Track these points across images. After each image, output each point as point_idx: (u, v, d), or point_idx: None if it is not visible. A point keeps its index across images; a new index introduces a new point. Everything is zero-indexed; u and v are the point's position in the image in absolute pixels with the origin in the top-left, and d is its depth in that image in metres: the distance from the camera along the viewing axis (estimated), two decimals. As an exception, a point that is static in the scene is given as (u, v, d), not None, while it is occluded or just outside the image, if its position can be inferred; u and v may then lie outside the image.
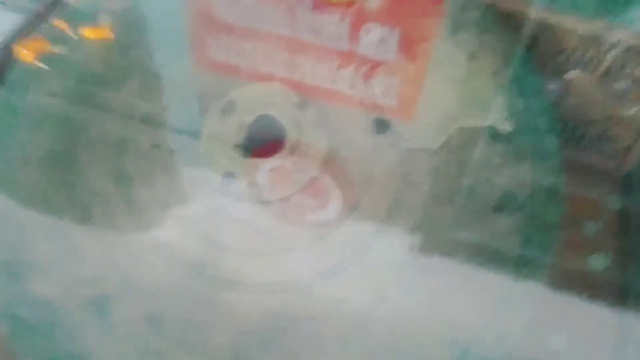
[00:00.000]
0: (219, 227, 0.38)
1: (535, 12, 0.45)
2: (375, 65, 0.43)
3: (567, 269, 0.39)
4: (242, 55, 0.44)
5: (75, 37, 0.45)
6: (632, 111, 0.45)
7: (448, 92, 0.42)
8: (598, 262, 0.40)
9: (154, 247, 0.38)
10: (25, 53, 0.45)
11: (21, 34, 0.46)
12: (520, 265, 0.37)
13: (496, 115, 0.40)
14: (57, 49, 0.45)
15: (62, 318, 0.37)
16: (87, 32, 0.45)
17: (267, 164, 0.40)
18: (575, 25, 0.45)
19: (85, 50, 0.45)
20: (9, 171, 0.41)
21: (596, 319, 0.38)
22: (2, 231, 0.39)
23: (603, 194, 0.42)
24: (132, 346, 0.36)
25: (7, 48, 0.45)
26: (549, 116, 0.41)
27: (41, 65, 0.45)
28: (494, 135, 0.40)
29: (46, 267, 0.38)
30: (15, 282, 0.38)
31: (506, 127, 0.40)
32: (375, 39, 0.43)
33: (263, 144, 0.39)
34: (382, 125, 0.40)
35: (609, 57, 0.44)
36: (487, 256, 0.37)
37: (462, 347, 0.36)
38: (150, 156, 0.40)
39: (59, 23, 0.46)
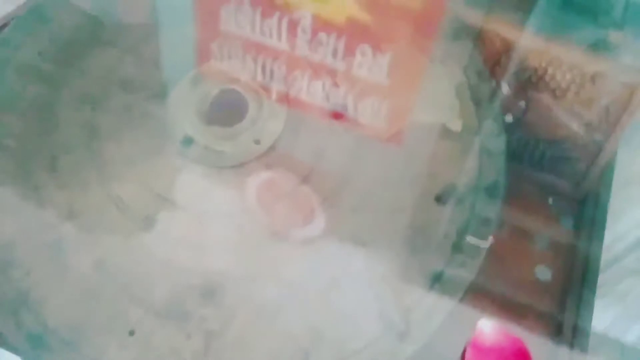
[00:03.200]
0: (174, 186, 0.40)
1: (504, 30, 0.47)
2: (365, 86, 0.45)
3: (511, 274, 0.41)
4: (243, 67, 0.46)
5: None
6: (592, 136, 0.46)
7: (407, 90, 0.44)
8: (543, 274, 0.42)
9: (112, 198, 0.40)
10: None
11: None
12: (454, 253, 0.39)
13: (448, 114, 0.43)
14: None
15: (18, 258, 0.39)
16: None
17: (254, 181, 0.42)
18: (541, 46, 0.47)
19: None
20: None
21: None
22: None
23: (557, 212, 0.44)
24: (78, 288, 0.38)
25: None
26: (499, 122, 0.43)
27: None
28: (444, 133, 0.42)
29: (8, 209, 0.40)
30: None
31: (456, 126, 0.42)
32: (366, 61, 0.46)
33: (224, 113, 0.42)
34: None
35: (572, 80, 0.46)
36: (424, 241, 0.39)
37: (389, 322, 0.37)
38: (120, 116, 0.43)
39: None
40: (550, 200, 0.44)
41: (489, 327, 0.36)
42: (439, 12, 0.49)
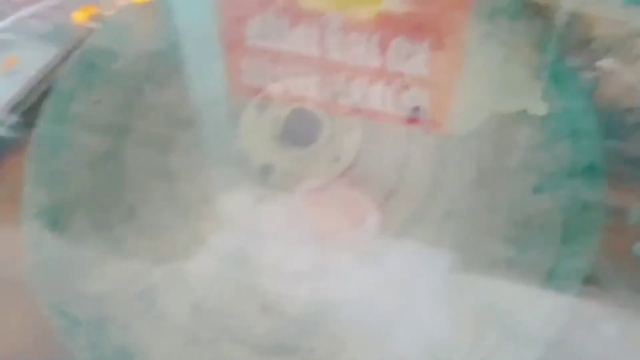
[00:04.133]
0: (258, 217, 0.39)
1: (565, 1, 0.45)
2: (407, 80, 0.43)
3: (611, 254, 0.38)
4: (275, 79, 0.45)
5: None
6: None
7: (481, 80, 0.42)
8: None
9: (197, 240, 0.38)
10: (79, 16, 0.49)
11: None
12: (565, 244, 0.36)
13: (530, 99, 0.40)
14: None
15: (111, 313, 0.38)
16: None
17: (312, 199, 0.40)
18: (607, 13, 0.45)
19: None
20: (59, 174, 0.43)
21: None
22: (52, 233, 0.41)
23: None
24: (178, 336, 0.37)
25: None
26: (584, 99, 0.41)
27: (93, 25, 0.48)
28: (529, 119, 0.39)
29: (94, 265, 0.39)
30: (66, 280, 0.39)
31: (541, 110, 0.40)
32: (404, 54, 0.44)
33: (299, 135, 0.40)
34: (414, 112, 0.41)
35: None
36: (529, 237, 0.37)
37: (504, 329, 0.35)
38: (190, 154, 0.41)
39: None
40: (636, 170, 0.41)
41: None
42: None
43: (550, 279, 0.35)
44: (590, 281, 0.36)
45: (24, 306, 0.40)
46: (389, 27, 0.43)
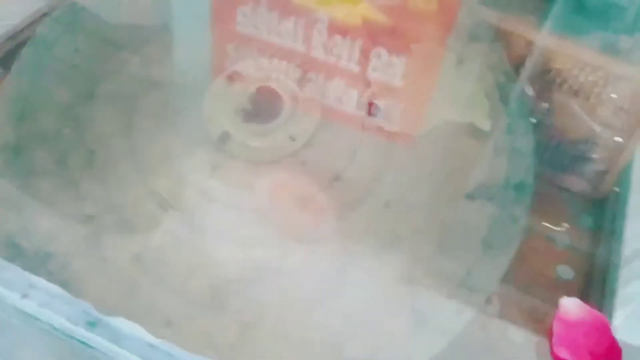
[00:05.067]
0: (211, 181, 0.41)
1: (525, 31, 0.48)
2: (380, 87, 0.46)
3: (536, 273, 0.41)
4: (259, 68, 0.47)
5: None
6: (612, 137, 0.47)
7: (439, 90, 0.45)
8: (565, 273, 0.42)
9: (150, 193, 0.40)
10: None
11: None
12: (484, 250, 0.39)
13: (478, 114, 0.43)
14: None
15: (57, 249, 0.39)
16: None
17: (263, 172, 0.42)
18: (567, 49, 0.47)
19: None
20: (30, 114, 0.44)
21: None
22: (12, 167, 0.42)
23: (577, 211, 0.45)
24: (117, 280, 0.39)
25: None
26: (527, 123, 0.44)
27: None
28: (474, 131, 0.42)
29: (48, 202, 0.41)
30: (18, 213, 0.41)
31: (485, 125, 0.43)
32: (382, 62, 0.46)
33: (261, 111, 0.43)
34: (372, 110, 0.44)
35: (595, 82, 0.47)
36: (454, 238, 0.40)
37: (417, 317, 0.38)
38: (157, 114, 0.43)
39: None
40: (570, 200, 0.44)
41: (572, 304, 0.36)
42: (455, 12, 0.49)
43: (466, 279, 0.38)
44: (507, 289, 0.39)
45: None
46: (370, 34, 0.45)
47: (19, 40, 0.49)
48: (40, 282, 0.31)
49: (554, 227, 0.43)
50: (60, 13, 0.48)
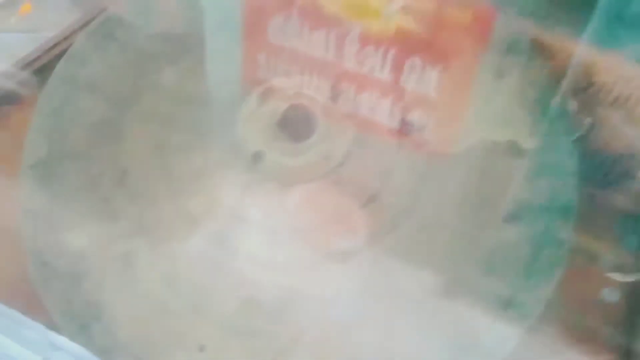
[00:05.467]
0: (244, 203, 0.40)
1: (570, 45, 0.46)
2: (408, 96, 0.44)
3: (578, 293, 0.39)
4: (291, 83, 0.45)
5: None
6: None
7: (478, 106, 0.43)
8: (611, 295, 0.40)
9: (182, 213, 0.40)
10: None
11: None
12: (527, 276, 0.37)
13: (519, 132, 0.42)
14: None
15: (89, 270, 0.39)
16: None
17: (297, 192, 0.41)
18: (608, 61, 0.46)
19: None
20: (63, 130, 0.44)
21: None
22: (45, 185, 0.42)
23: (622, 231, 0.43)
24: (149, 303, 0.38)
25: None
26: (571, 141, 0.42)
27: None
28: (515, 150, 0.41)
29: (80, 222, 0.40)
30: (51, 232, 0.41)
31: (528, 143, 0.41)
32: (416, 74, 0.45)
33: (294, 129, 0.41)
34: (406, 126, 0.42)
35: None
36: (495, 263, 0.38)
37: (460, 344, 0.36)
38: (191, 130, 0.43)
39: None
40: (615, 219, 0.43)
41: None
42: (490, 23, 0.48)
43: (509, 304, 0.37)
44: (552, 312, 0.37)
45: (9, 251, 0.41)
46: (404, 45, 0.44)
47: (55, 52, 0.49)
48: (64, 342, 0.31)
49: (598, 248, 0.41)
50: (96, 25, 0.48)
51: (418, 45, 0.44)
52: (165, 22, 0.48)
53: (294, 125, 0.41)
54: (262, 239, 0.39)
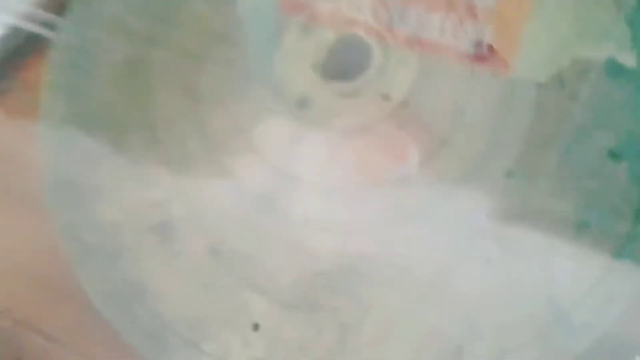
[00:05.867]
0: (292, 158, 0.35)
1: None
2: (474, 10, 0.37)
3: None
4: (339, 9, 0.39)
5: None
6: None
7: (561, 17, 0.36)
8: None
9: (222, 175, 0.35)
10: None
11: None
12: (638, 224, 0.31)
13: (617, 46, 0.34)
14: None
15: (125, 244, 0.35)
16: None
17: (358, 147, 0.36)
18: None
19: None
20: (80, 84, 0.39)
21: None
22: (68, 149, 0.37)
23: None
24: (194, 278, 0.34)
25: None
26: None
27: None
28: (614, 69, 0.33)
29: (110, 190, 0.36)
30: (80, 203, 0.36)
31: (629, 60, 0.33)
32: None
33: (344, 66, 0.35)
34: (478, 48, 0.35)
35: None
36: (597, 210, 0.32)
37: (559, 309, 0.31)
38: (223, 76, 0.37)
39: None
40: None
41: None
42: None
43: (616, 261, 0.31)
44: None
45: (35, 223, 0.37)
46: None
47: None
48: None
49: None
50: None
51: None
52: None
53: (346, 59, 0.35)
54: (316, 199, 0.34)
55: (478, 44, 0.36)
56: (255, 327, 0.33)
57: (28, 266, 0.37)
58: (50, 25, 0.45)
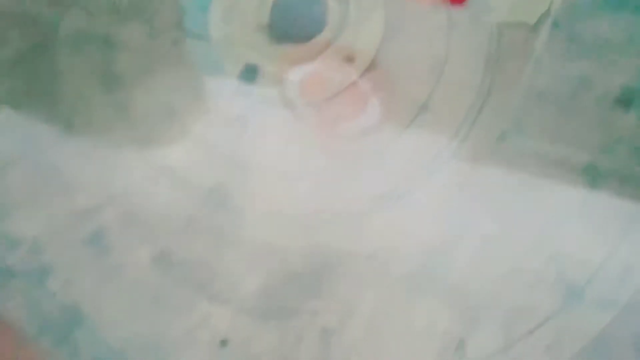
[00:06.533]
0: (241, 143, 0.31)
1: None
2: None
3: None
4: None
5: None
6: None
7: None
8: None
9: (158, 169, 0.31)
10: None
11: None
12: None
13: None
14: None
15: (53, 262, 0.30)
16: None
17: (297, 72, 0.32)
18: None
19: None
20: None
21: None
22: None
23: None
24: (140, 294, 0.29)
25: None
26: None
27: None
28: (618, 3, 0.29)
29: (26, 200, 0.31)
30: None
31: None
32: None
33: (295, 25, 0.30)
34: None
35: None
36: (608, 169, 0.28)
37: (572, 286, 0.27)
38: (146, 53, 0.32)
39: None
40: None
41: None
42: None
43: (630, 226, 0.28)
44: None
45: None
46: None
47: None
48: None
49: None
50: None
51: None
52: None
53: (296, 17, 0.29)
54: (276, 188, 0.30)
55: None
56: (223, 343, 0.30)
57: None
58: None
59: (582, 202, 0.30)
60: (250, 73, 0.31)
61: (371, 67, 0.31)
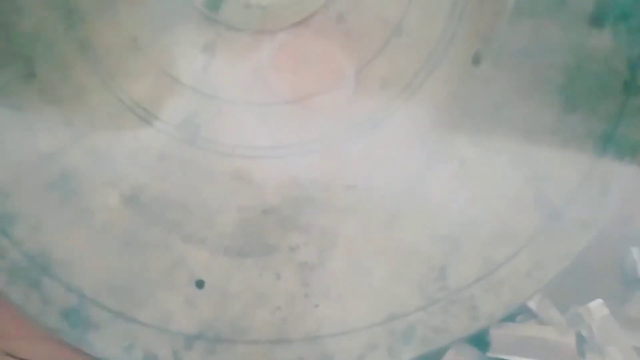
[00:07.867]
0: (210, 73, 0.29)
1: None
2: None
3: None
4: None
5: None
6: None
7: None
8: None
9: (128, 103, 0.29)
10: None
11: None
12: (629, 98, 0.27)
13: None
14: None
15: (18, 208, 0.28)
16: None
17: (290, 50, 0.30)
18: None
19: None
20: None
21: None
22: None
23: None
24: (111, 237, 0.28)
25: None
26: None
27: None
28: None
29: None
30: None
31: None
32: None
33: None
34: None
35: None
36: (582, 89, 0.27)
37: (551, 207, 0.27)
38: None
39: None
40: None
41: None
42: None
43: (606, 145, 0.28)
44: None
45: None
46: None
47: None
48: None
49: None
50: None
51: None
52: None
53: None
54: (248, 120, 0.28)
55: None
56: (200, 284, 0.29)
57: None
58: None
59: (557, 122, 0.31)
60: (214, 3, 0.29)
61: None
